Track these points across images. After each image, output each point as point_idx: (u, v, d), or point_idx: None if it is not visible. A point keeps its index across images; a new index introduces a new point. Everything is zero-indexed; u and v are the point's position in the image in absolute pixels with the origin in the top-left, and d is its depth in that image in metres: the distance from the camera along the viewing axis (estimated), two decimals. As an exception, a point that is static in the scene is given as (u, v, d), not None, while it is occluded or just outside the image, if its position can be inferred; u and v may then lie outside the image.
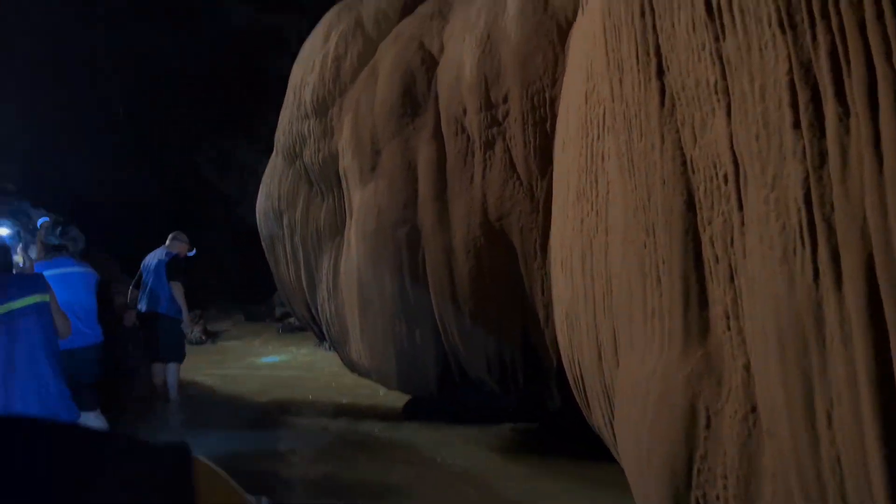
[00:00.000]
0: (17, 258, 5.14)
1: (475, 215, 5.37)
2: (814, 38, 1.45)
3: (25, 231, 8.42)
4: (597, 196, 3.12)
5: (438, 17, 6.32)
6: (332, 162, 6.74)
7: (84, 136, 16.44)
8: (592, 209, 3.15)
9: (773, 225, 1.60)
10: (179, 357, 7.35)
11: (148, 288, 7.32)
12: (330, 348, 8.61)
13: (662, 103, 2.15)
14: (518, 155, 5.15)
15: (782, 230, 1.57)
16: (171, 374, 7.29)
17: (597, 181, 3.07)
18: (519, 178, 5.15)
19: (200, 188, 18.62)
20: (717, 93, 1.86)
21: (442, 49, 5.99)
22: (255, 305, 15.60)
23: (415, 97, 5.91)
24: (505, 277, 5.31)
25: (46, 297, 4.08)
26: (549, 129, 4.99)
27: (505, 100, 5.21)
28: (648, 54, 2.19)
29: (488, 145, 5.32)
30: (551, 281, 4.41)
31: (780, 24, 1.53)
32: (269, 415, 7.04)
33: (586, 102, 3.06)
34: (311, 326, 8.07)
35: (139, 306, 7.36)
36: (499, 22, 5.34)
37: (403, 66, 6.06)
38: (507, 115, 5.21)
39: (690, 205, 2.10)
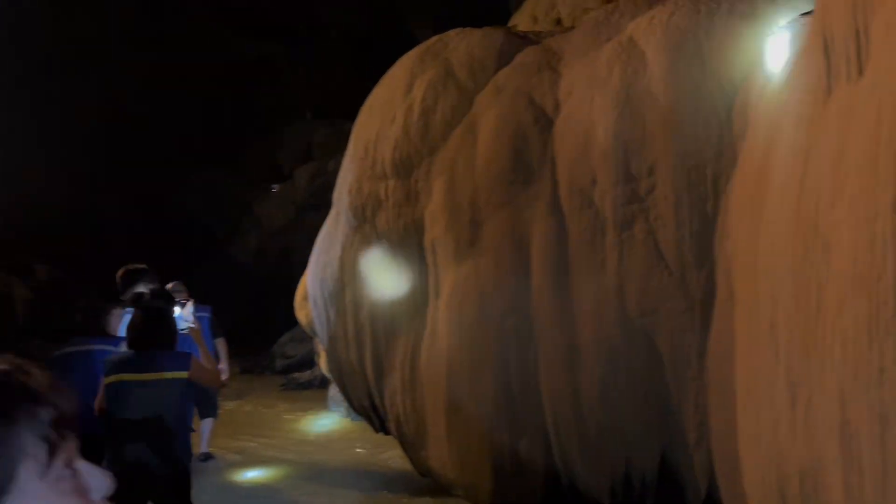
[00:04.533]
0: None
1: (608, 309, 4.78)
2: None
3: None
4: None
5: (548, 69, 5.85)
6: (415, 231, 6.20)
7: (59, 159, 16.32)
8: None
9: None
10: (215, 412, 7.82)
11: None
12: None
13: None
14: (667, 239, 4.58)
15: None
16: (206, 429, 7.71)
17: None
18: (668, 267, 4.57)
19: (185, 221, 18.23)
20: None
21: (557, 107, 5.50)
22: (251, 357, 14.89)
23: (527, 161, 5.40)
24: (645, 386, 4.68)
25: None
26: (710, 212, 4.43)
27: (650, 172, 4.67)
28: None
29: (625, 225, 4.76)
30: (738, 411, 3.76)
31: None
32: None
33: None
34: (368, 416, 7.41)
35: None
36: (640, 80, 4.84)
37: (512, 124, 5.56)
38: (652, 190, 4.67)
39: None
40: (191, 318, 4.97)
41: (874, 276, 2.51)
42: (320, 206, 10.43)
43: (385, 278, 6.62)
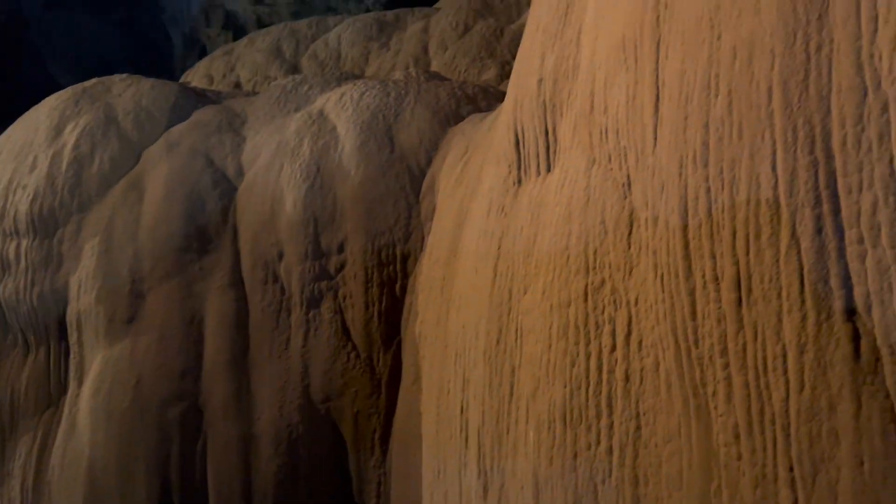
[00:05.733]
0: None
1: (291, 393, 4.47)
2: None
3: None
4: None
5: (229, 130, 5.52)
6: (54, 302, 5.22)
7: None
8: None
9: None
10: None
11: None
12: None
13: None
14: (356, 319, 4.50)
15: None
16: None
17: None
18: (355, 348, 4.46)
19: None
20: None
21: (241, 172, 5.18)
22: None
23: (203, 227, 4.93)
24: (327, 476, 4.44)
25: None
26: (399, 292, 4.46)
27: (341, 248, 4.58)
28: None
29: (313, 303, 4.57)
30: (424, 499, 3.71)
31: None
32: None
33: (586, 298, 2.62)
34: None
35: None
36: (332, 153, 4.80)
37: (187, 185, 5.08)
38: (342, 267, 4.57)
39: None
40: None
41: (568, 362, 2.66)
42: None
43: (4, 358, 5.41)
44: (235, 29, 16.89)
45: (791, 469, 1.93)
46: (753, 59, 2.01)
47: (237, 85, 8.95)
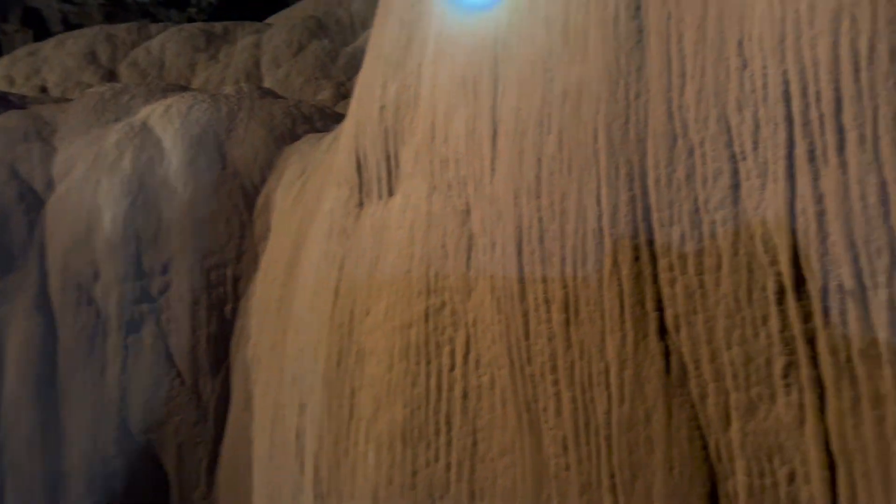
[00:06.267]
0: None
1: (107, 425, 4.17)
2: None
3: None
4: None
5: (38, 139, 5.09)
6: None
7: None
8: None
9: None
10: None
11: None
12: None
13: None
14: (181, 344, 4.30)
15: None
16: None
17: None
18: (180, 374, 4.26)
19: None
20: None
21: (50, 185, 4.78)
22: None
23: (6, 245, 4.49)
24: (146, 514, 4.18)
25: None
26: (228, 314, 4.33)
27: (165, 269, 4.37)
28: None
29: (132, 327, 4.31)
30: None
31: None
32: None
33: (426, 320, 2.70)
34: None
35: None
36: (156, 169, 4.57)
37: (-15, 198, 4.59)
38: (166, 289, 4.36)
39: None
40: None
41: (409, 382, 2.74)
42: None
43: None
44: (37, 27, 15.50)
45: (613, 476, 2.13)
46: (581, 102, 2.23)
47: (43, 89, 8.20)
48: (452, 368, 2.67)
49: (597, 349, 2.18)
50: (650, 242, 2.05)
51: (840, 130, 1.66)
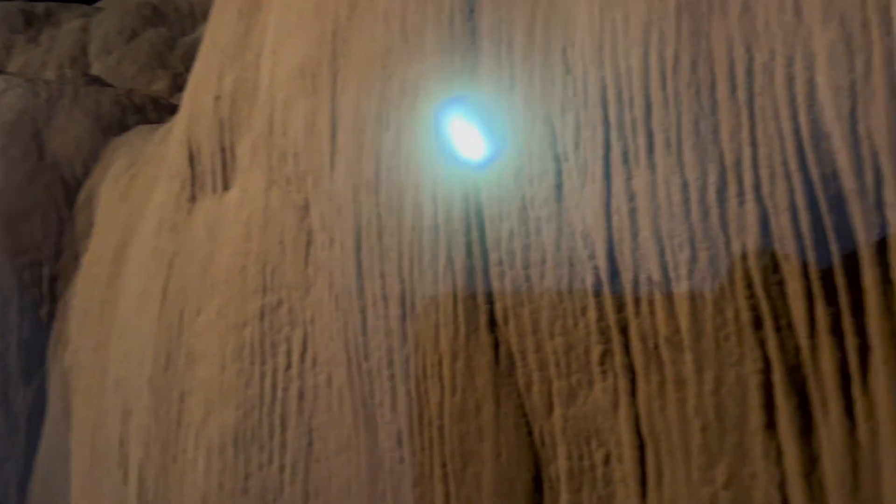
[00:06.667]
0: None
1: None
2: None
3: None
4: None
5: None
6: None
7: None
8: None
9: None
10: None
11: None
12: None
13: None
14: (-13, 350, 3.90)
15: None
16: None
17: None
18: (-14, 383, 3.87)
19: None
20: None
21: None
22: None
23: None
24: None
25: None
26: (45, 317, 4.01)
27: (-31, 268, 3.95)
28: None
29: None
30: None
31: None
32: None
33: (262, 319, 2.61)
34: None
35: None
36: (-40, 156, 4.13)
37: None
38: (-30, 289, 3.94)
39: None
40: None
41: (242, 383, 2.65)
42: None
43: None
44: None
45: (445, 465, 2.18)
46: (418, 99, 2.27)
47: None
48: (288, 368, 2.61)
49: (431, 342, 2.23)
50: (482, 238, 2.12)
51: (650, 134, 1.81)
